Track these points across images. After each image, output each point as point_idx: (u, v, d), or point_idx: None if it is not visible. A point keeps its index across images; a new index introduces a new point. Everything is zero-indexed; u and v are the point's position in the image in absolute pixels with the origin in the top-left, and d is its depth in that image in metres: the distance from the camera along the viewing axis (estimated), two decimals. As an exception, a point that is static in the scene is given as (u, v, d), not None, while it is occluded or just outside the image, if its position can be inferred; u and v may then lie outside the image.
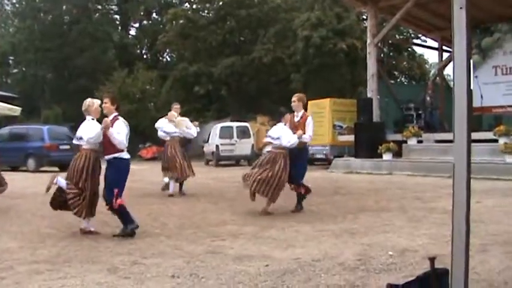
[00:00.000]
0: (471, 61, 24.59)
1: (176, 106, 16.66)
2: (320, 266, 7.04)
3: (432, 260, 4.57)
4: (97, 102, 9.88)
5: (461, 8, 3.84)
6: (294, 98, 12.66)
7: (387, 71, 36.16)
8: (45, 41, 54.17)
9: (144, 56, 62.04)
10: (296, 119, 12.55)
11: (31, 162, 29.01)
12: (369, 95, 27.34)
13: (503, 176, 18.74)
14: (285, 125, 12.26)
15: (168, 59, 61.25)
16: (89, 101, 9.89)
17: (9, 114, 35.81)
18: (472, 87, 20.83)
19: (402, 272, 6.66)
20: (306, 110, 13.05)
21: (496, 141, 21.02)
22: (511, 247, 7.90)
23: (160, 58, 62.08)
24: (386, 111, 27.91)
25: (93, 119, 9.75)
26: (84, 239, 9.13)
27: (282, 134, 12.07)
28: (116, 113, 9.75)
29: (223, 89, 48.15)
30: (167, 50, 58.19)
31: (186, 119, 16.32)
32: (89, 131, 9.58)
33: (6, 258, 7.76)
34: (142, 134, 46.16)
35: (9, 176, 23.51)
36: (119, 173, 9.60)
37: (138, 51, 62.82)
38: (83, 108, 9.79)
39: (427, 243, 8.41)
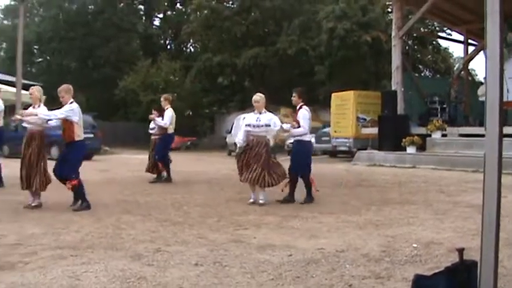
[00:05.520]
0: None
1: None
2: (344, 256, 6.99)
3: (461, 251, 4.51)
4: None
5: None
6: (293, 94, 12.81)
7: (412, 64, 35.99)
8: (70, 30, 54.41)
9: (168, 47, 62.24)
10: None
11: (54, 150, 29.02)
12: (393, 88, 27.18)
13: (528, 172, 18.57)
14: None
15: (192, 50, 61.34)
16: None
17: (34, 103, 36.04)
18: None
19: (427, 264, 6.60)
20: (304, 102, 12.89)
21: (521, 136, 20.80)
22: (537, 242, 7.81)
23: (184, 48, 62.18)
24: (410, 104, 27.68)
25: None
26: (109, 226, 9.15)
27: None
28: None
29: (247, 80, 48.21)
30: (191, 41, 58.29)
31: None
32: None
33: (30, 243, 7.78)
34: (165, 124, 46.27)
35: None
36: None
37: (162, 41, 63.02)
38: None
39: (452, 236, 8.33)
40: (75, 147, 11.54)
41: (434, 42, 48.92)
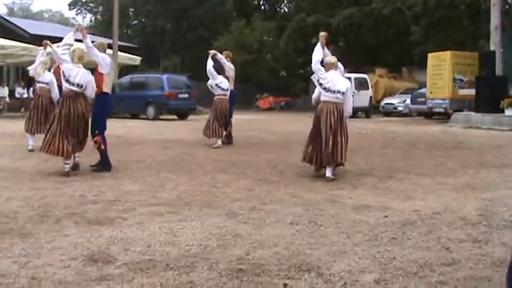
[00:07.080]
0: None
1: None
2: (441, 219, 6.91)
3: None
4: None
5: None
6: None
7: (511, 24, 34.95)
8: (164, -8, 54.93)
9: (262, 7, 62.00)
10: None
11: (151, 110, 29.55)
12: (491, 48, 26.51)
13: None
14: None
15: (286, 10, 61.00)
16: None
17: (130, 64, 36.88)
18: None
19: (527, 230, 6.46)
20: None
21: None
22: None
23: (278, 9, 61.88)
24: (509, 65, 26.96)
25: None
26: (204, 184, 9.29)
27: None
28: None
29: (341, 41, 47.68)
30: (285, 1, 57.96)
31: None
32: None
33: (128, 200, 8.01)
34: (260, 84, 46.39)
35: (129, 123, 24.29)
36: None
37: (256, 2, 62.81)
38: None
39: (553, 201, 8.12)
40: (101, 99, 10.68)
41: (535, 1, 47.30)
